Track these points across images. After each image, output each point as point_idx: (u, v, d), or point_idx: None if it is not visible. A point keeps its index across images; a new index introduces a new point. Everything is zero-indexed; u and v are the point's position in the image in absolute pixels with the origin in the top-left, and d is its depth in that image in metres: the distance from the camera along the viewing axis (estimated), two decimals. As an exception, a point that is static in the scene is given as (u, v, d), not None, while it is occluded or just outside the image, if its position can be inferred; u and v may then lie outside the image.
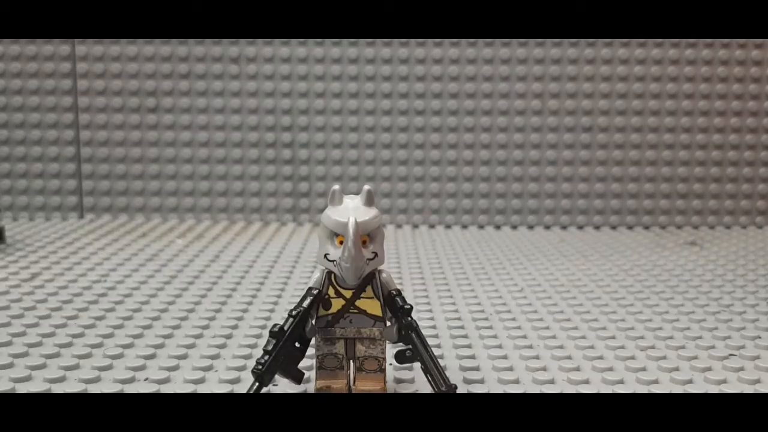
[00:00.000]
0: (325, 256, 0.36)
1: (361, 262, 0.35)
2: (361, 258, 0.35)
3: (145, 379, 0.42)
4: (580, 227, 0.90)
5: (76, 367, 0.43)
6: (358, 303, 0.37)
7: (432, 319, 0.53)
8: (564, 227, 0.90)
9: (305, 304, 0.37)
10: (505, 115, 0.89)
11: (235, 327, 0.51)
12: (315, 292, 0.37)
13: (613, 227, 0.90)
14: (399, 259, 0.72)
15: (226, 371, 0.43)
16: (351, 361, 0.38)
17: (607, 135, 0.89)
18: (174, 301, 0.57)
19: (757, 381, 0.43)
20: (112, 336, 0.49)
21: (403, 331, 0.37)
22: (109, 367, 0.43)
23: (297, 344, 0.37)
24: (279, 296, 0.59)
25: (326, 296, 0.37)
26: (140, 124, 0.88)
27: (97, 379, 0.41)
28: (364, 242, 0.36)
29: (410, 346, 0.37)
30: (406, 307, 0.37)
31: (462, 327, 0.52)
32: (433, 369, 0.36)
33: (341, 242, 0.36)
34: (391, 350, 0.39)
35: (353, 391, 0.38)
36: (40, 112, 0.87)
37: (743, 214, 0.91)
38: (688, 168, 0.90)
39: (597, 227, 0.90)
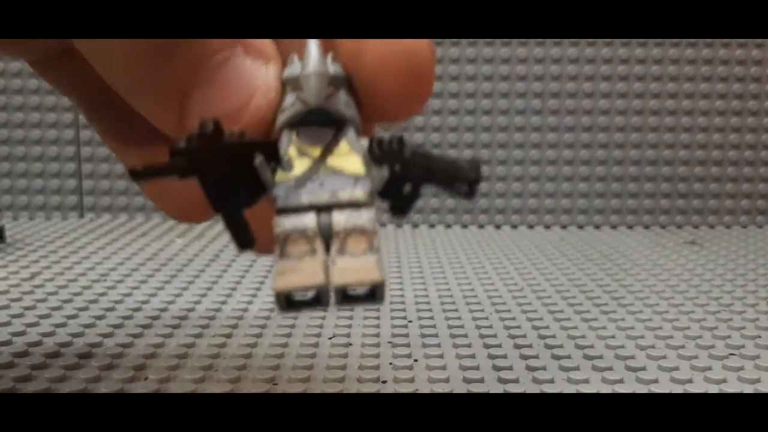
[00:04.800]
0: (285, 81, 0.28)
1: (326, 70, 0.27)
2: (325, 66, 0.27)
3: (145, 379, 0.42)
4: (580, 227, 0.90)
5: (76, 366, 0.43)
6: (330, 162, 0.27)
7: (432, 318, 0.54)
8: (564, 227, 0.90)
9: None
10: (505, 115, 0.89)
11: (235, 326, 0.51)
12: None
13: (613, 227, 0.90)
14: (399, 259, 0.72)
15: (226, 371, 0.43)
16: (327, 242, 0.27)
17: (607, 134, 0.89)
18: (174, 301, 0.57)
19: (757, 380, 0.43)
20: (112, 335, 0.49)
21: (405, 154, 0.27)
22: (109, 366, 0.43)
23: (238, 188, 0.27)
24: (279, 296, 0.59)
25: (286, 157, 0.27)
26: (140, 124, 0.88)
27: (97, 378, 0.41)
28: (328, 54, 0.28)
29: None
30: (396, 137, 0.28)
31: (462, 326, 0.52)
32: (447, 163, 0.28)
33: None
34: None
35: (333, 284, 0.26)
36: (41, 111, 0.87)
37: (743, 213, 0.91)
38: (688, 168, 0.90)
39: (597, 227, 0.90)
